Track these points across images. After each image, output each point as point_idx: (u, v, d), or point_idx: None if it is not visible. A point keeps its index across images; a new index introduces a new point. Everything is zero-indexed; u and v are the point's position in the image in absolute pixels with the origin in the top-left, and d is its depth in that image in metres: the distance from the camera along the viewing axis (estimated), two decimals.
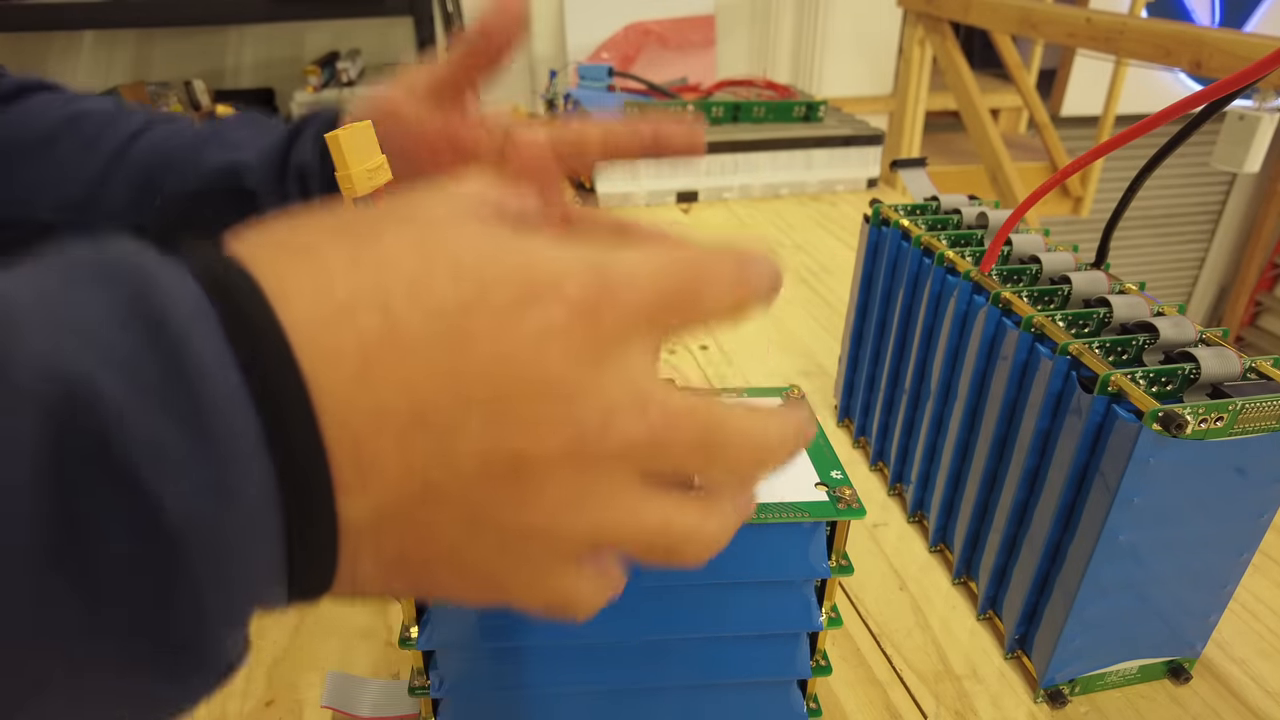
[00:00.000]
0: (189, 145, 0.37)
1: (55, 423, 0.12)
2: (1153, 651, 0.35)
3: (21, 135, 0.37)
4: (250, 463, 0.14)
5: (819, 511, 0.26)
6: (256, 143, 0.36)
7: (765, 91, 1.02)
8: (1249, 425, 0.29)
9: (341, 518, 0.15)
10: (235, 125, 0.38)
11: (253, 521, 0.14)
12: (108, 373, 0.12)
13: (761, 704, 0.30)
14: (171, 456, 0.13)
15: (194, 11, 1.85)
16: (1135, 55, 1.17)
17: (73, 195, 0.36)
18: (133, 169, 0.36)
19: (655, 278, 0.18)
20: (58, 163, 0.36)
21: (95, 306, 0.13)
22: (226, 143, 0.36)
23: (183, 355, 0.13)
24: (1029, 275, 0.38)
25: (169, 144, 0.37)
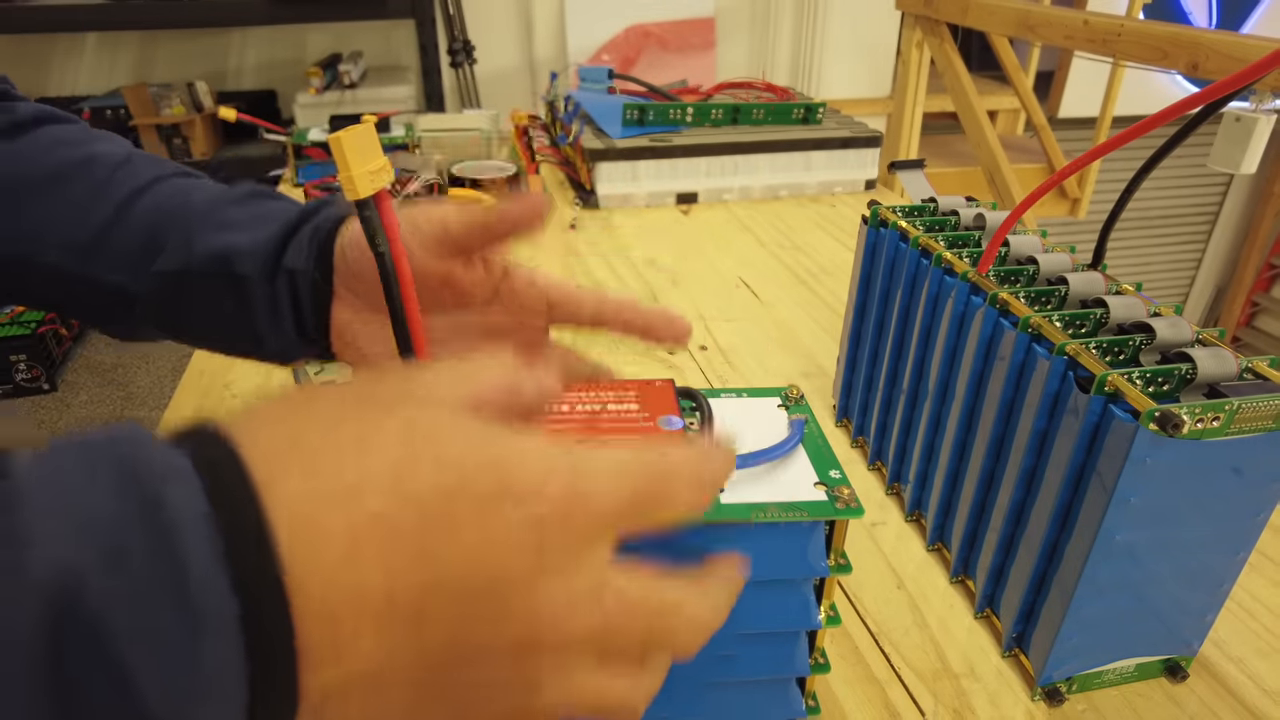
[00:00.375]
0: (190, 217, 0.36)
1: (54, 612, 0.13)
2: (1149, 650, 0.35)
3: (32, 171, 0.36)
4: (224, 645, 0.15)
5: (817, 511, 0.26)
6: (254, 231, 0.36)
7: (764, 94, 1.02)
8: (1245, 425, 0.29)
9: (304, 689, 0.16)
10: (240, 202, 0.37)
11: (220, 699, 0.15)
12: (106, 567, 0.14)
13: (760, 701, 0.31)
14: (152, 644, 0.14)
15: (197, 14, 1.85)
16: (1132, 57, 1.17)
17: (79, 239, 0.36)
18: (136, 227, 0.36)
19: (624, 483, 0.19)
20: (67, 203, 0.36)
21: (103, 502, 0.15)
22: (226, 224, 0.36)
23: (176, 553, 0.15)
24: (1026, 276, 0.38)
25: (171, 209, 0.37)
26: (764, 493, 0.27)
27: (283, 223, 0.36)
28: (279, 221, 0.36)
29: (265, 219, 0.36)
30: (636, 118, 0.92)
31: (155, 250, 0.36)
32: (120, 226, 0.36)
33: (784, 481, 0.27)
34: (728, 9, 2.20)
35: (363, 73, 2.04)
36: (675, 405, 0.30)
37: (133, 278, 0.36)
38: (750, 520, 0.26)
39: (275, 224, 0.36)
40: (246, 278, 0.35)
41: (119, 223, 0.36)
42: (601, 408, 0.29)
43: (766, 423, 0.30)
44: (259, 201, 0.37)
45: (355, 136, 0.25)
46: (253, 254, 0.35)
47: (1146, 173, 0.34)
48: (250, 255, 0.35)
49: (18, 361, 1.89)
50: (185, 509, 0.15)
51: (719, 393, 0.32)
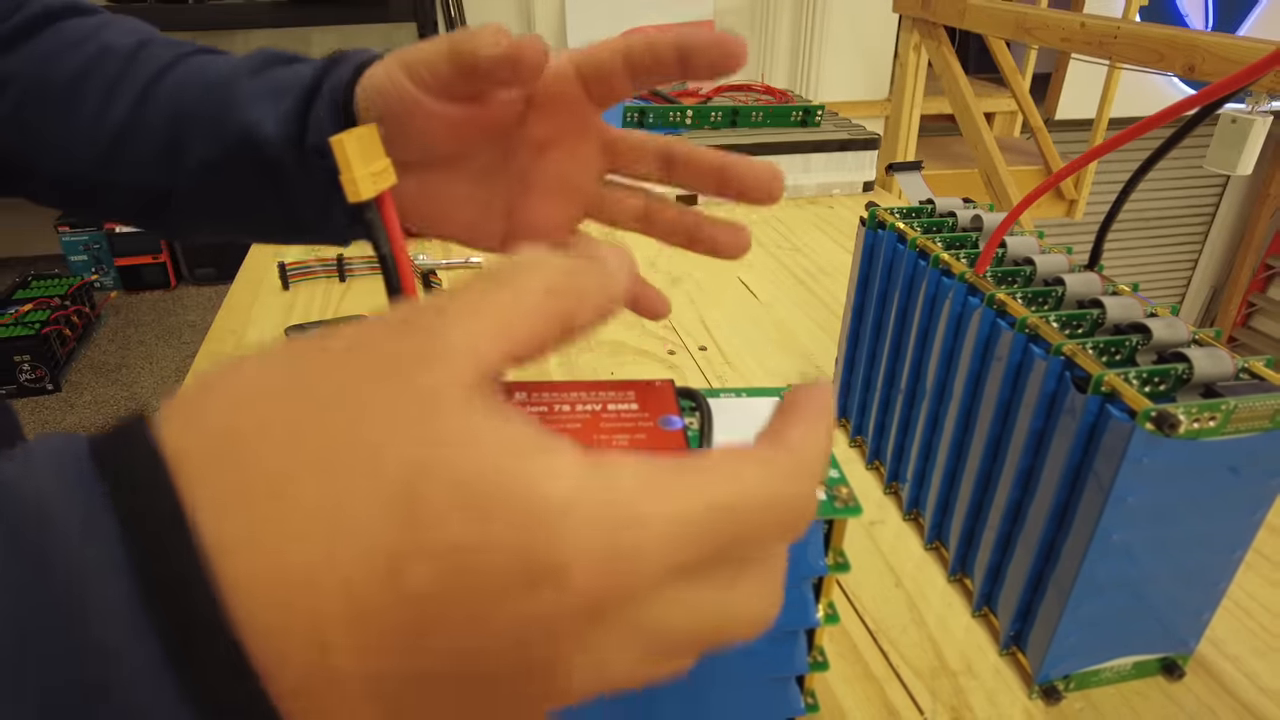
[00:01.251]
0: (210, 103, 0.34)
1: None
2: (1147, 648, 0.35)
3: (51, 77, 0.35)
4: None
5: (816, 510, 0.26)
6: (274, 105, 0.33)
7: (763, 96, 1.02)
8: (1242, 425, 0.29)
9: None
10: (255, 72, 0.34)
11: None
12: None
13: (759, 700, 0.31)
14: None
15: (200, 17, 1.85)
16: (1129, 60, 1.18)
17: (99, 145, 0.34)
18: (155, 124, 0.34)
19: (682, 543, 0.15)
20: (83, 109, 0.35)
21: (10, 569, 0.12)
22: (246, 101, 0.33)
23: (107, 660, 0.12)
24: (1023, 277, 0.38)
25: (190, 96, 0.34)
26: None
27: (297, 94, 0.32)
28: (294, 93, 0.33)
29: (281, 90, 0.33)
30: (636, 120, 0.92)
31: (178, 144, 0.34)
32: (138, 126, 0.34)
33: None
34: (726, 12, 2.20)
35: None
36: (675, 405, 0.30)
37: (160, 175, 0.35)
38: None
39: (290, 96, 0.33)
40: (278, 162, 0.33)
41: (136, 122, 0.34)
42: (601, 407, 0.29)
43: (766, 423, 0.30)
44: (273, 70, 0.34)
45: (358, 138, 0.25)
46: (278, 137, 0.33)
47: (1143, 174, 0.34)
48: (275, 139, 0.33)
49: (21, 362, 1.88)
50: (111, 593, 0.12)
51: (719, 393, 0.32)
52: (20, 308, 1.98)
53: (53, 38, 0.36)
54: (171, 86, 0.35)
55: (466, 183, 0.33)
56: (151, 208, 0.36)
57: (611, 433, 0.28)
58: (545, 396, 0.30)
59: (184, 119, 0.34)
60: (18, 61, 0.36)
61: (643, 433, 0.28)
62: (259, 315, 0.67)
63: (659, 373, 0.59)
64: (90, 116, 0.35)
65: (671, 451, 0.20)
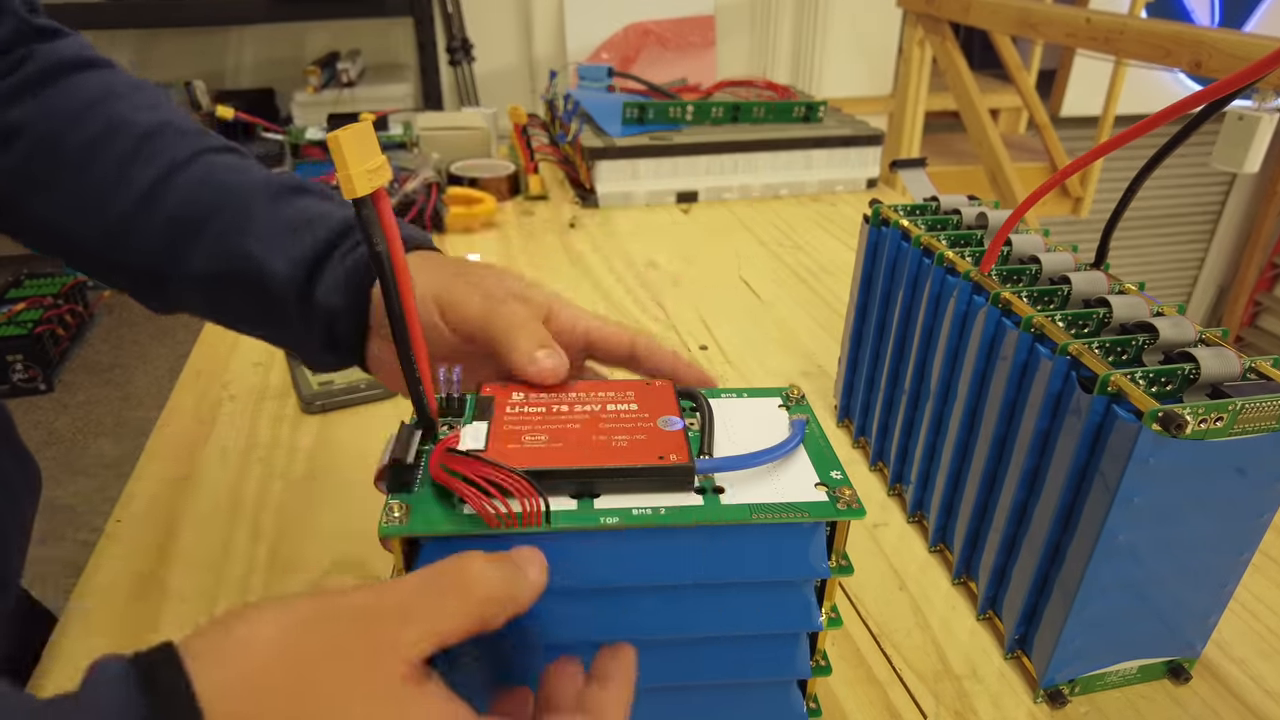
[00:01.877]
0: (223, 219, 0.35)
1: None
2: (1152, 651, 0.35)
3: (64, 140, 0.35)
4: None
5: (819, 511, 0.26)
6: (287, 247, 0.34)
7: (765, 92, 1.02)
8: (1248, 425, 0.29)
9: None
10: (275, 198, 0.35)
11: None
12: None
13: (762, 704, 0.30)
14: None
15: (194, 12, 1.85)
16: (1135, 56, 1.17)
17: (106, 221, 0.35)
18: (163, 220, 0.35)
19: None
20: (96, 182, 0.35)
21: None
22: (258, 229, 0.34)
23: None
24: (1029, 275, 0.38)
25: (204, 204, 0.35)
26: (765, 493, 0.26)
27: (316, 243, 0.34)
28: (311, 239, 0.34)
29: (298, 228, 0.35)
30: (636, 116, 0.91)
31: (182, 247, 0.35)
32: (147, 218, 0.35)
33: (785, 482, 0.27)
34: (728, 7, 2.20)
35: (361, 71, 2.04)
36: (675, 405, 0.29)
37: (163, 266, 0.35)
38: (751, 520, 0.26)
39: (307, 240, 0.34)
40: (280, 299, 0.34)
41: (145, 210, 0.35)
42: (601, 408, 0.29)
43: (767, 423, 0.30)
44: (294, 201, 0.36)
45: (353, 135, 0.25)
46: (286, 278, 0.34)
47: (1149, 172, 0.34)
48: (282, 279, 0.34)
49: (15, 361, 1.89)
50: None
51: (719, 393, 0.31)
52: (13, 307, 1.98)
53: (65, 94, 0.36)
54: (183, 187, 0.35)
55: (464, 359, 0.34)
56: (150, 289, 0.37)
57: (611, 432, 0.28)
58: (544, 398, 0.30)
59: (192, 224, 0.35)
60: (27, 113, 0.35)
61: (643, 433, 0.28)
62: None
63: None
64: (100, 191, 0.35)
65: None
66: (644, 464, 0.26)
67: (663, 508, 0.25)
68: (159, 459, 0.48)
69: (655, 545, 0.26)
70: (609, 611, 0.27)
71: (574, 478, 0.26)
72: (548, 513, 0.25)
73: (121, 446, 1.77)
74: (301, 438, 0.50)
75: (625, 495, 0.26)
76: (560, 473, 0.26)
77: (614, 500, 0.26)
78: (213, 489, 0.46)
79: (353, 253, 0.34)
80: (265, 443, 0.50)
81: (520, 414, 0.29)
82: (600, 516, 0.25)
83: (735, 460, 0.27)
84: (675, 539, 0.26)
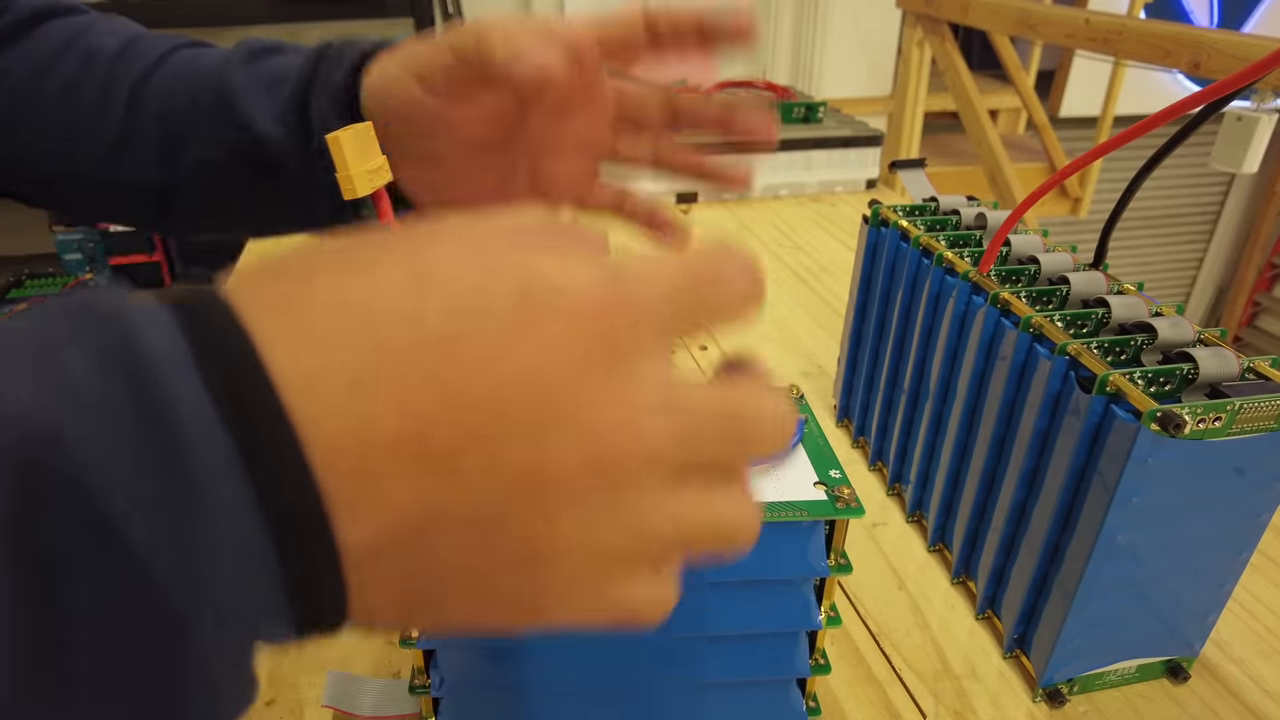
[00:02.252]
0: (204, 100, 0.34)
1: (27, 474, 0.12)
2: (1151, 651, 0.35)
3: (44, 84, 0.35)
4: (230, 491, 0.13)
5: (817, 510, 0.26)
6: (269, 101, 0.33)
7: (764, 93, 1.02)
8: (1247, 425, 0.29)
9: (342, 544, 0.14)
10: (247, 61, 0.35)
11: (236, 554, 0.13)
12: (81, 421, 0.12)
13: (760, 703, 0.31)
14: (144, 497, 0.12)
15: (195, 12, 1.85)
16: (1134, 56, 1.17)
17: (100, 148, 0.35)
18: (150, 128, 0.35)
19: (669, 276, 0.17)
20: (78, 115, 0.35)
21: (77, 359, 0.13)
22: (240, 94, 0.34)
23: (154, 393, 0.13)
24: (1027, 276, 0.38)
25: (182, 93, 0.35)
26: (763, 492, 0.26)
27: (292, 88, 0.33)
28: (288, 86, 0.33)
29: (274, 81, 0.34)
30: None
31: (175, 143, 0.35)
32: (133, 128, 0.35)
33: (783, 481, 0.27)
34: None
35: None
36: None
37: (161, 174, 0.35)
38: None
39: (285, 90, 0.33)
40: (279, 161, 0.33)
41: (132, 119, 0.35)
42: None
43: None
44: (262, 61, 0.35)
45: (354, 135, 0.25)
46: (278, 136, 0.33)
47: (1148, 172, 0.34)
48: (275, 138, 0.33)
49: None
50: (166, 350, 0.13)
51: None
52: (14, 307, 1.98)
53: (40, 40, 0.36)
54: (160, 85, 0.35)
55: (486, 156, 0.33)
56: (153, 206, 0.37)
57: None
58: None
59: (178, 117, 0.35)
60: (6, 63, 0.36)
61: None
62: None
63: None
64: (86, 122, 0.35)
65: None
66: None
67: None
68: None
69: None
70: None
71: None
72: None
73: None
74: None
75: None
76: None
77: None
78: None
79: (332, 88, 0.33)
80: None
81: None
82: None
83: None
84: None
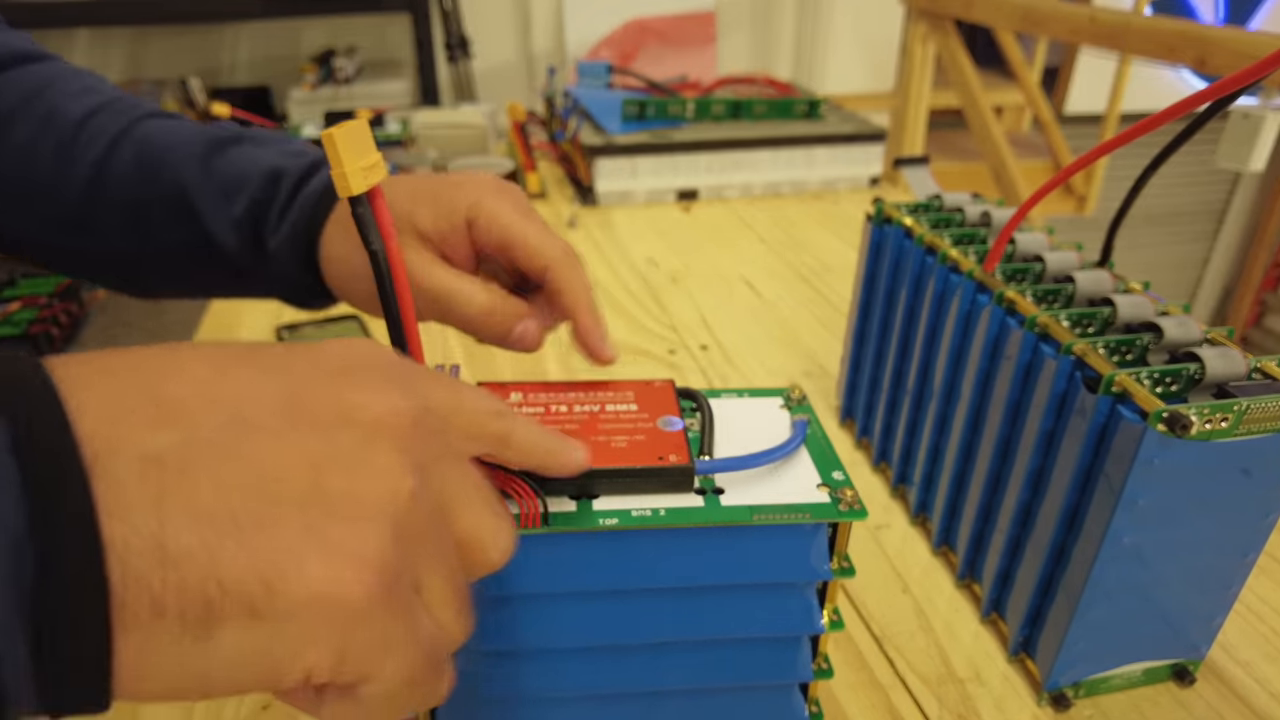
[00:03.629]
0: (162, 201, 0.35)
1: None
2: (1157, 654, 0.35)
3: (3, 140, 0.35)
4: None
5: (820, 513, 0.26)
6: (226, 208, 0.35)
7: (766, 89, 1.02)
8: (1254, 426, 0.28)
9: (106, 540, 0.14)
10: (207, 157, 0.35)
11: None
12: None
13: (763, 707, 0.30)
14: None
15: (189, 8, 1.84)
16: (1139, 53, 1.17)
17: (64, 215, 0.35)
18: (115, 200, 0.35)
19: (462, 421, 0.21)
20: (40, 182, 0.35)
21: None
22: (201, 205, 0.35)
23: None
24: (1033, 274, 0.37)
25: (142, 191, 0.35)
26: (765, 494, 0.26)
27: (251, 197, 0.35)
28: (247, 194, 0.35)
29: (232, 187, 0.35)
30: (636, 113, 0.91)
31: (138, 223, 0.35)
32: (96, 202, 0.35)
33: (786, 483, 0.27)
34: (729, 3, 2.19)
35: (358, 68, 2.03)
36: (675, 406, 0.29)
37: (125, 247, 0.36)
38: (751, 522, 0.25)
39: (243, 198, 0.35)
40: (236, 263, 0.35)
41: (94, 197, 0.35)
42: (600, 408, 0.29)
43: (768, 423, 0.30)
44: (223, 155, 0.36)
45: (348, 132, 0.24)
46: (235, 244, 0.35)
47: (1154, 170, 0.34)
48: (232, 246, 0.35)
49: None
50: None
51: (720, 393, 0.31)
52: (8, 306, 1.98)
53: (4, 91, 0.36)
54: (120, 169, 0.35)
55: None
56: (121, 277, 0.38)
57: (610, 433, 0.27)
58: (542, 398, 0.29)
59: (140, 205, 0.35)
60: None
61: (642, 433, 0.27)
62: (248, 315, 0.66)
63: (659, 372, 0.58)
64: (45, 186, 0.35)
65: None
66: (644, 465, 0.26)
67: (662, 509, 0.25)
68: None
69: (655, 547, 0.26)
70: (608, 614, 0.27)
71: (573, 479, 0.25)
72: (546, 514, 0.24)
73: None
74: None
75: (625, 496, 0.26)
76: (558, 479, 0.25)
77: (613, 501, 0.25)
78: None
79: (292, 202, 0.34)
80: None
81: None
82: (599, 518, 0.25)
83: (735, 461, 0.27)
84: (675, 540, 0.26)
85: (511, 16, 2.13)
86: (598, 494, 0.26)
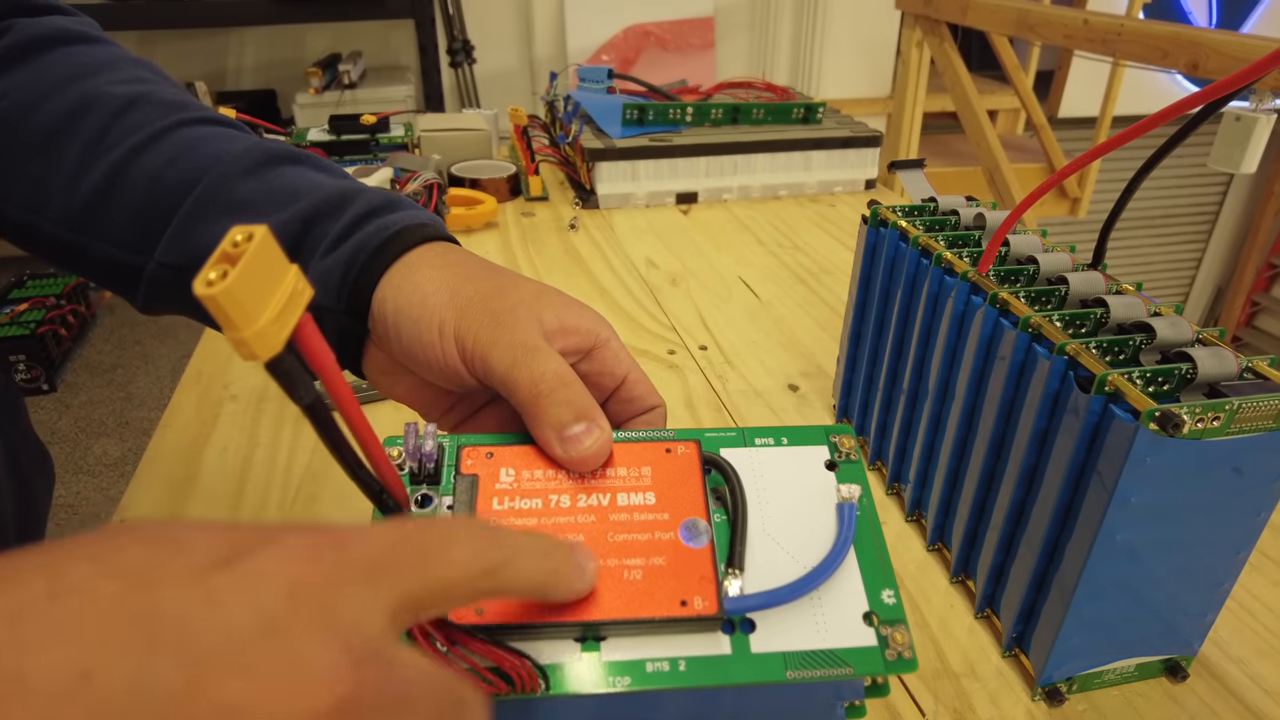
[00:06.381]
0: (189, 192, 0.31)
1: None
2: (1150, 650, 0.35)
3: (30, 121, 0.32)
4: None
5: (865, 667, 0.23)
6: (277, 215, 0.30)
7: (764, 93, 1.02)
8: (1245, 425, 0.29)
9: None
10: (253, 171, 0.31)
11: None
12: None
13: None
14: None
15: (196, 13, 1.85)
16: (1132, 57, 1.17)
17: (72, 209, 0.32)
18: (129, 203, 0.32)
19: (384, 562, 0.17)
20: (61, 165, 0.32)
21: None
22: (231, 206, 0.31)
23: None
24: (1026, 276, 0.38)
25: (170, 179, 0.31)
26: (802, 629, 0.23)
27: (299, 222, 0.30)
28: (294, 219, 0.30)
29: (280, 200, 0.30)
30: (636, 117, 0.92)
31: (153, 228, 0.31)
32: (112, 198, 0.32)
33: (826, 607, 0.24)
34: (727, 8, 2.20)
35: (362, 72, 2.04)
36: (701, 489, 0.25)
37: (133, 253, 0.32)
38: (785, 681, 0.22)
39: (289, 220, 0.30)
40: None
41: (111, 192, 0.32)
42: (611, 499, 0.25)
43: (808, 494, 0.26)
44: (275, 170, 0.31)
45: (241, 280, 0.15)
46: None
47: (1146, 172, 0.34)
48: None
49: (17, 361, 1.89)
50: None
51: (753, 436, 0.27)
52: (16, 307, 1.98)
53: (36, 71, 0.33)
54: (157, 158, 0.32)
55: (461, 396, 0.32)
56: (126, 282, 0.33)
57: (622, 550, 0.24)
58: (538, 480, 0.25)
59: (161, 212, 0.31)
60: (3, 87, 0.33)
61: (661, 553, 0.24)
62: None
63: (660, 373, 0.59)
64: (63, 175, 0.32)
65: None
66: (663, 615, 0.23)
67: (682, 662, 0.22)
68: (161, 459, 0.48)
69: (670, 697, 0.24)
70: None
71: (579, 621, 0.22)
72: (545, 679, 0.22)
73: (124, 446, 1.77)
74: (303, 438, 0.51)
75: (638, 638, 0.23)
76: (561, 625, 0.22)
77: (624, 647, 0.23)
78: (214, 489, 0.46)
79: (344, 242, 0.30)
80: (267, 443, 0.50)
81: (510, 508, 0.24)
82: (610, 676, 0.22)
83: (769, 596, 0.24)
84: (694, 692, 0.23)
85: (513, 22, 2.14)
86: (605, 636, 0.23)
